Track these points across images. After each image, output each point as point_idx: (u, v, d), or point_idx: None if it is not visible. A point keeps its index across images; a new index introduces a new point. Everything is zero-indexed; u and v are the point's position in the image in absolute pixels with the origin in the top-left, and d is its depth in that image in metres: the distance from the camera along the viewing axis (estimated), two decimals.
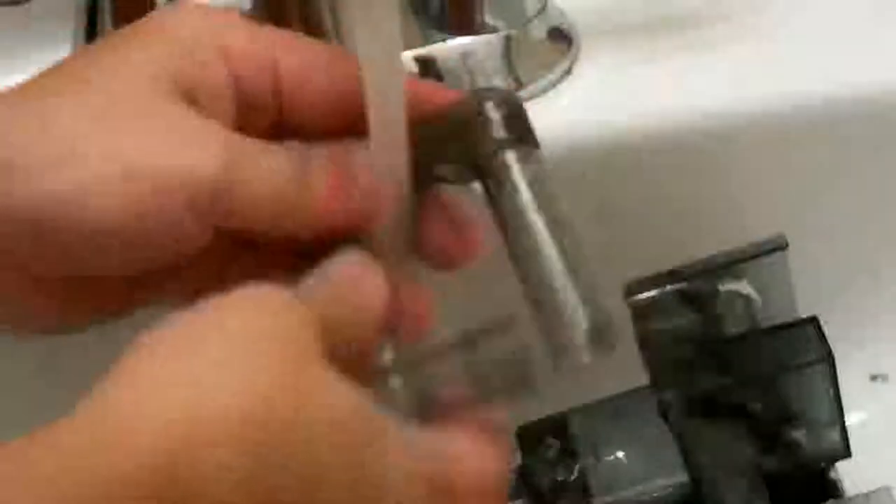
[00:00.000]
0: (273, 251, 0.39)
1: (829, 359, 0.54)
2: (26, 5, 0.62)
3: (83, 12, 0.58)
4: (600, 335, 0.35)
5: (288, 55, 0.38)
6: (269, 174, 0.37)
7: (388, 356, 0.36)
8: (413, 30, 0.59)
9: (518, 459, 0.58)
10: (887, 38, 0.63)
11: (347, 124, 0.38)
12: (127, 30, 0.38)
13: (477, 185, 0.38)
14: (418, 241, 0.39)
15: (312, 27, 0.58)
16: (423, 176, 0.38)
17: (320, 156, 0.38)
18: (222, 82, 0.38)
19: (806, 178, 0.62)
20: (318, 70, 0.39)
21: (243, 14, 0.41)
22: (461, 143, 0.38)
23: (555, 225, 0.36)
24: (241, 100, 0.38)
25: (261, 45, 0.38)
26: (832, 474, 0.57)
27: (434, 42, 0.60)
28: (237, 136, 0.37)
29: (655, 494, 0.56)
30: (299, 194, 0.37)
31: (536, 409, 0.58)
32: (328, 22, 0.58)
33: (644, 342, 0.55)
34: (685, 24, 0.64)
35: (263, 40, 0.39)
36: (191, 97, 0.37)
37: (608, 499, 0.56)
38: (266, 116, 0.39)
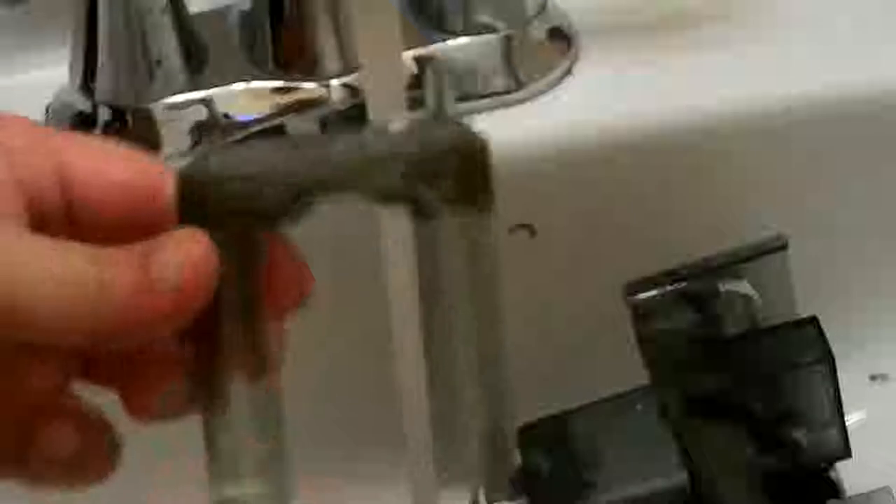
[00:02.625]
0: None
1: (829, 359, 0.54)
2: (26, 5, 0.62)
3: (83, 12, 0.58)
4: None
5: (75, 157, 0.35)
6: (60, 272, 0.32)
7: None
8: (413, 30, 0.59)
9: (518, 459, 0.58)
10: (887, 38, 0.63)
11: (148, 228, 0.34)
12: None
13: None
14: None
15: (312, 27, 0.58)
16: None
17: (121, 253, 0.33)
18: (5, 177, 0.34)
19: (806, 178, 0.62)
20: (107, 168, 0.35)
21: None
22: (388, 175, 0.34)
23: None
24: (30, 202, 0.34)
25: (44, 148, 0.35)
26: (832, 474, 0.57)
27: (434, 42, 0.60)
28: (21, 235, 0.33)
29: (655, 494, 0.56)
30: (99, 292, 0.32)
31: (536, 410, 0.58)
32: (327, 22, 0.58)
33: (644, 342, 0.55)
34: (685, 24, 0.64)
35: (46, 142, 0.35)
36: None
37: (608, 498, 0.56)
38: (59, 225, 0.35)
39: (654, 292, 0.55)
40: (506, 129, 0.58)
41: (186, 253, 0.33)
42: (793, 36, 0.63)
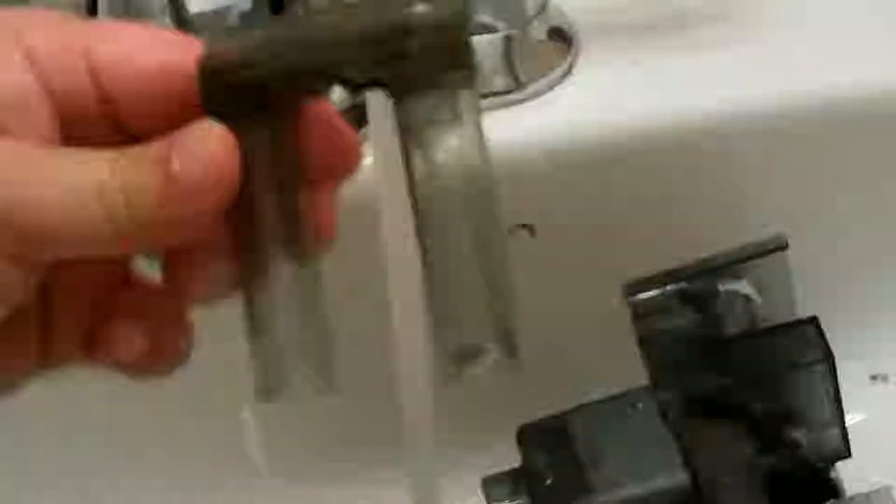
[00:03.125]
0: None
1: (829, 359, 0.54)
2: (26, 5, 0.62)
3: (83, 12, 0.58)
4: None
5: (101, 44, 0.33)
6: (73, 180, 0.31)
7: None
8: None
9: (518, 459, 0.58)
10: (887, 38, 0.63)
11: (189, 114, 0.33)
12: None
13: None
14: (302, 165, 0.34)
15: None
16: (318, 76, 0.33)
17: (141, 158, 0.32)
18: (30, 93, 0.33)
19: (806, 178, 0.62)
20: (139, 54, 0.33)
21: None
22: (379, 50, 0.32)
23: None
24: (63, 108, 0.33)
25: (68, 40, 0.33)
26: (832, 474, 0.57)
27: None
28: (19, 147, 0.32)
29: (655, 494, 0.56)
30: (124, 206, 0.31)
31: (536, 410, 0.58)
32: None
33: (644, 342, 0.55)
34: (685, 24, 0.64)
35: (70, 34, 0.33)
36: None
37: (608, 499, 0.56)
38: (98, 122, 0.34)
39: (654, 292, 0.55)
40: (506, 129, 0.58)
41: (207, 151, 0.31)
42: (792, 36, 0.63)
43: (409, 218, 0.37)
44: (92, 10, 0.57)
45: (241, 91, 0.32)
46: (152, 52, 0.33)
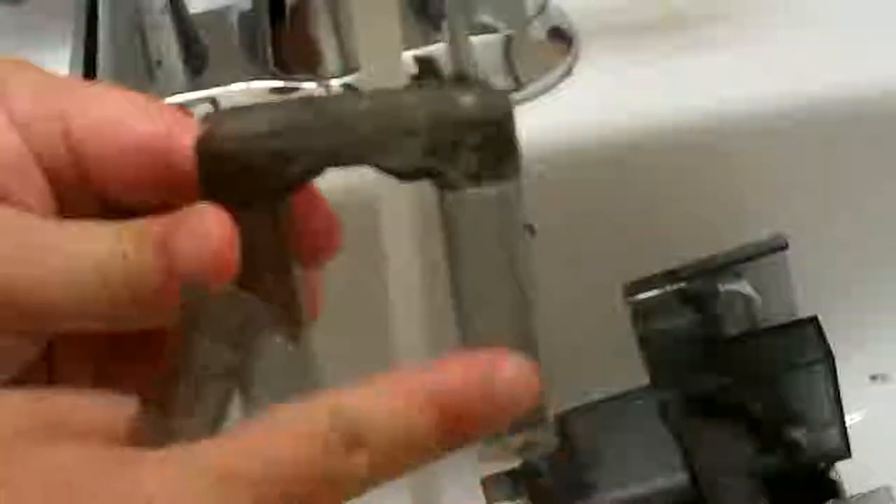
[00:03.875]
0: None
1: (829, 359, 0.54)
2: (26, 5, 0.62)
3: (83, 12, 0.58)
4: None
5: (79, 113, 0.32)
6: (74, 257, 0.31)
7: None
8: (413, 30, 0.59)
9: (518, 459, 0.58)
10: (886, 38, 0.63)
11: (171, 189, 0.32)
12: None
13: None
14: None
15: (312, 27, 0.58)
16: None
17: (143, 234, 0.31)
18: (25, 157, 0.32)
19: (806, 178, 0.62)
20: (115, 125, 0.32)
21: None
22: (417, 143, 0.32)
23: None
24: (49, 175, 0.32)
25: (47, 104, 0.32)
26: (832, 474, 0.57)
27: (434, 42, 0.60)
28: (23, 217, 0.31)
29: (656, 494, 0.56)
30: (125, 273, 0.31)
31: None
32: (327, 22, 0.58)
33: (644, 342, 0.55)
34: (685, 24, 0.64)
35: (50, 97, 0.32)
36: None
37: (608, 498, 0.56)
38: (80, 194, 0.33)
39: (654, 292, 0.55)
40: None
41: (209, 240, 0.31)
42: (792, 36, 0.63)
43: (409, 218, 0.37)
44: (91, 11, 0.57)
45: (245, 175, 0.32)
46: (132, 122, 0.32)
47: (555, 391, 0.33)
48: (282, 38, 0.59)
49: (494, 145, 0.32)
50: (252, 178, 0.32)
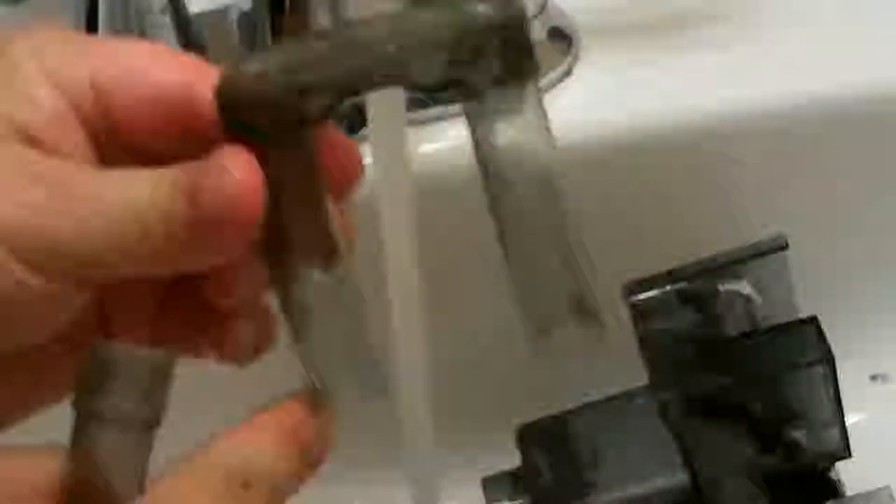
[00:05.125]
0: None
1: (829, 359, 0.54)
2: (26, 5, 0.63)
3: (83, 12, 0.58)
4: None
5: (106, 64, 0.33)
6: (114, 206, 0.31)
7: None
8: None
9: (518, 459, 0.58)
10: (887, 38, 0.63)
11: (198, 136, 0.33)
12: None
13: None
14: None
15: (312, 27, 0.58)
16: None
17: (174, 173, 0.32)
18: (65, 111, 0.33)
19: (806, 178, 0.62)
20: (141, 75, 0.33)
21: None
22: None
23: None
24: (90, 126, 0.33)
25: (77, 60, 0.33)
26: (832, 474, 0.57)
27: None
28: (65, 167, 0.32)
29: (655, 494, 0.56)
30: (163, 223, 0.32)
31: (536, 410, 0.58)
32: (327, 22, 0.58)
33: (644, 342, 0.55)
34: (685, 24, 0.64)
35: (78, 49, 0.33)
36: (29, 137, 0.32)
37: (608, 498, 0.56)
38: (111, 142, 0.34)
39: (654, 292, 0.55)
40: None
41: (233, 184, 0.31)
42: (792, 36, 0.63)
43: (409, 218, 0.37)
44: (91, 11, 0.57)
45: (267, 113, 0.32)
46: (157, 71, 0.33)
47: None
48: (282, 37, 0.59)
49: (514, 47, 0.33)
50: (274, 115, 0.32)
